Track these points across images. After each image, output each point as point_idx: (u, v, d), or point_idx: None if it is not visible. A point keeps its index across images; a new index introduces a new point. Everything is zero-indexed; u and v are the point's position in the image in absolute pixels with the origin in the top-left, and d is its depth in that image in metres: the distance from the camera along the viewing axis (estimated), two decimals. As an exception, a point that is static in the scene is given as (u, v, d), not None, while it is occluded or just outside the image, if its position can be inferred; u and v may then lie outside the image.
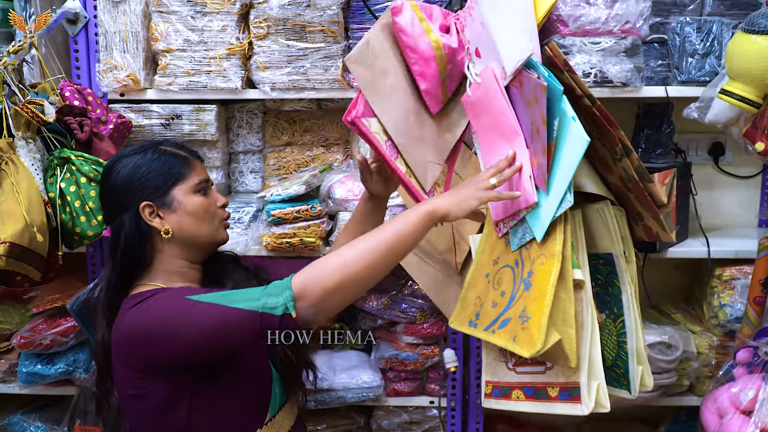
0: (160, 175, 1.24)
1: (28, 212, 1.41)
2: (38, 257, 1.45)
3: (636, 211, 1.32)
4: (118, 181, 1.24)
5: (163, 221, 1.23)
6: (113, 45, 1.78)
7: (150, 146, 1.28)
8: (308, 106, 1.98)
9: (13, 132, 1.48)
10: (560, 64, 1.17)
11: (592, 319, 1.24)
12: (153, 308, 1.13)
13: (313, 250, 1.81)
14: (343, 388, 1.87)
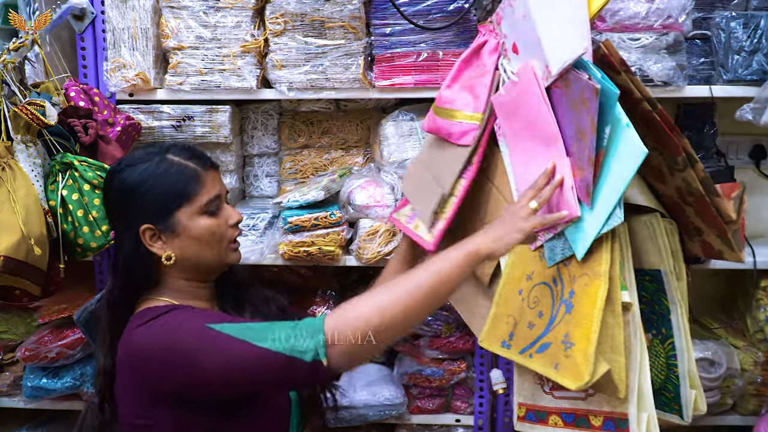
0: (164, 194, 1.13)
1: (25, 223, 1.31)
2: (36, 271, 1.35)
3: (694, 225, 1.21)
4: (121, 194, 1.14)
5: (164, 246, 1.14)
6: (122, 42, 1.68)
7: (157, 153, 1.16)
8: (326, 106, 1.88)
9: (12, 135, 1.38)
10: (616, 64, 1.06)
11: (641, 344, 1.14)
12: (169, 329, 1.04)
13: (332, 259, 1.71)
14: (364, 405, 1.77)
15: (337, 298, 1.92)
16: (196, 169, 1.16)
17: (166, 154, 1.16)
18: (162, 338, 1.03)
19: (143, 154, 1.16)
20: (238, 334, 0.98)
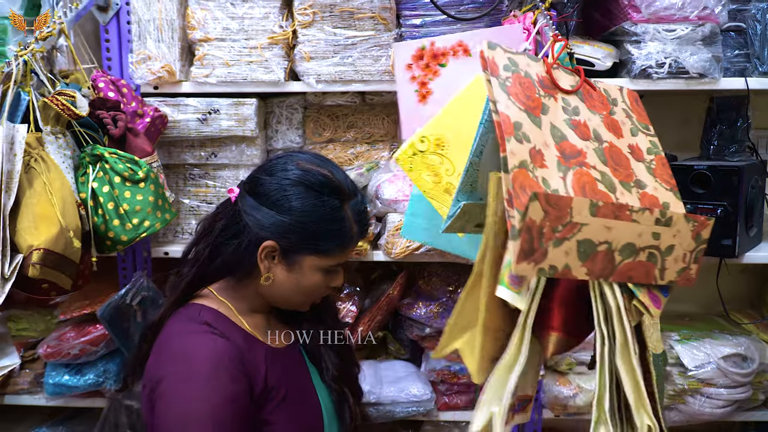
0: (311, 235, 1.09)
1: (63, 215, 1.28)
2: (72, 264, 1.32)
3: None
4: (288, 201, 1.09)
5: (271, 267, 1.11)
6: (147, 34, 1.65)
7: (344, 197, 1.12)
8: (352, 100, 1.85)
9: (41, 126, 1.35)
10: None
11: (520, 343, 1.04)
12: (170, 393, 1.02)
13: (359, 254, 1.69)
14: (391, 402, 1.75)
15: (361, 293, 1.90)
16: (353, 238, 1.14)
17: (347, 203, 1.13)
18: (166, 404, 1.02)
19: (332, 185, 1.11)
20: None
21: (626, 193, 0.99)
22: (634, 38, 1.60)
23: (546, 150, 0.97)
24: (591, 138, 1.02)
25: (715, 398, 1.73)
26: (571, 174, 0.97)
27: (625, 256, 0.95)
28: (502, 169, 0.92)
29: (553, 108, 1.03)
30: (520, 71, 1.02)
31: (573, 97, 1.06)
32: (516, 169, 0.91)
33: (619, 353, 0.94)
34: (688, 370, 1.71)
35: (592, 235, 0.92)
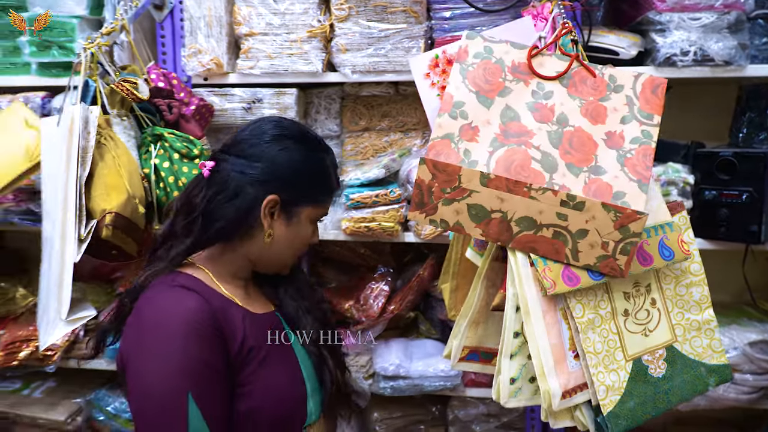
0: (310, 185, 1.15)
1: (130, 184, 1.44)
2: (138, 229, 1.47)
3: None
4: (280, 155, 1.11)
5: (272, 224, 1.12)
6: (198, 30, 1.80)
7: (325, 149, 1.19)
8: (386, 90, 1.95)
9: (108, 110, 1.52)
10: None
11: (479, 291, 1.18)
12: (155, 370, 0.98)
13: (391, 235, 1.79)
14: (419, 377, 1.84)
15: (394, 275, 2.00)
16: (334, 188, 1.21)
17: (328, 154, 1.19)
18: (150, 379, 0.98)
19: (316, 138, 1.18)
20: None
21: (568, 175, 1.06)
22: (658, 27, 1.64)
23: (485, 127, 1.09)
24: (551, 121, 1.11)
25: (740, 384, 1.74)
26: (502, 150, 1.08)
27: (523, 227, 1.06)
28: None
29: (518, 91, 1.13)
30: (491, 58, 1.13)
31: (553, 83, 1.14)
32: (438, 139, 1.09)
33: (523, 318, 1.06)
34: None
35: (484, 202, 1.06)
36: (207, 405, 0.98)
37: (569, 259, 1.06)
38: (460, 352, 1.23)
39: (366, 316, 1.91)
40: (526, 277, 1.07)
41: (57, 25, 1.83)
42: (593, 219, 1.03)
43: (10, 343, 1.99)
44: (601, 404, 1.08)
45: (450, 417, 1.96)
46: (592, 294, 1.10)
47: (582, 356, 1.09)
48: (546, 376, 1.06)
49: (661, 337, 1.16)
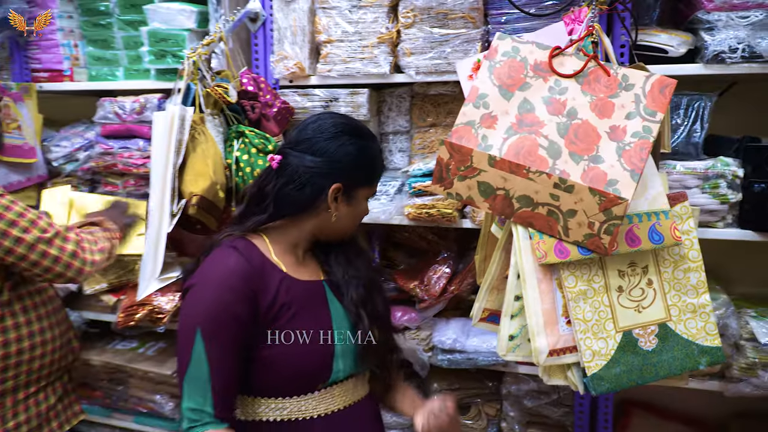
0: (364, 172, 1.34)
1: (214, 173, 1.74)
2: (218, 210, 1.78)
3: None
4: (340, 149, 1.30)
5: (337, 207, 1.32)
6: (284, 38, 2.07)
7: (372, 138, 1.37)
8: (452, 89, 2.13)
9: (203, 109, 1.82)
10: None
11: (499, 259, 1.36)
12: (190, 310, 1.22)
13: (450, 221, 1.96)
14: (474, 351, 2.00)
15: (456, 258, 2.17)
16: (381, 168, 1.41)
17: (377, 143, 1.39)
18: (185, 312, 1.23)
19: (365, 129, 1.36)
20: (193, 362, 1.18)
21: (570, 162, 1.20)
22: (707, 26, 1.70)
23: (503, 116, 1.25)
24: (561, 114, 1.25)
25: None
26: (515, 137, 1.24)
27: (522, 204, 1.23)
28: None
29: (537, 87, 1.27)
30: (517, 57, 1.29)
31: (569, 80, 1.28)
32: (461, 125, 1.26)
33: (521, 284, 1.23)
34: (761, 345, 1.77)
35: (490, 180, 1.24)
36: (213, 344, 1.18)
37: (561, 235, 1.21)
38: (480, 313, 1.41)
39: (428, 295, 2.10)
40: (524, 248, 1.23)
41: (171, 37, 2.16)
42: (581, 201, 1.17)
43: (128, 307, 2.36)
44: (586, 366, 1.22)
45: (504, 392, 2.10)
46: (586, 268, 1.24)
47: (572, 322, 1.23)
48: (535, 335, 1.23)
49: (654, 314, 1.27)
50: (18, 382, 1.62)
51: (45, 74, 2.44)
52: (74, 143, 2.38)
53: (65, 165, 2.37)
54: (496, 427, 2.14)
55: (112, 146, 2.28)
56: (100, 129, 2.31)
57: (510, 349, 1.30)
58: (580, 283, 1.25)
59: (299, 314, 1.28)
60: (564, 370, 1.31)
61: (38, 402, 1.67)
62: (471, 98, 1.29)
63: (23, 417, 1.62)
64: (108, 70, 2.37)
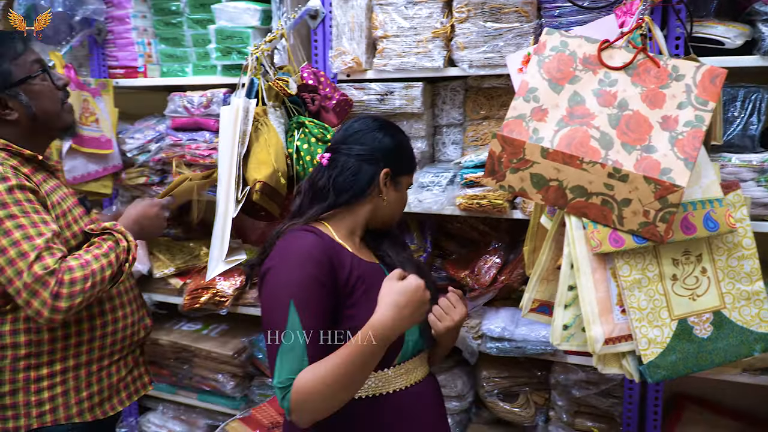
0: (408, 158, 1.49)
1: (276, 161, 1.84)
2: (280, 196, 1.88)
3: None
4: (385, 139, 1.43)
5: (387, 191, 1.44)
6: (342, 34, 2.15)
7: (404, 133, 1.50)
8: (505, 83, 2.17)
9: (265, 102, 1.92)
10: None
11: (549, 250, 1.41)
12: (278, 275, 1.28)
13: (500, 211, 2.00)
14: (522, 340, 2.04)
15: (507, 249, 2.21)
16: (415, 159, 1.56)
17: (408, 138, 1.52)
18: (273, 289, 1.28)
19: (397, 128, 1.50)
20: (289, 332, 1.22)
21: (622, 152, 1.22)
22: (764, 17, 1.69)
23: (554, 110, 1.28)
24: (612, 105, 1.27)
25: None
26: (566, 129, 1.26)
27: (576, 194, 1.25)
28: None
29: (586, 79, 1.30)
30: (566, 51, 1.32)
31: (618, 72, 1.30)
32: (512, 119, 1.30)
33: (575, 274, 1.26)
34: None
35: (543, 172, 1.27)
36: (306, 314, 1.24)
37: (616, 224, 1.24)
38: (530, 304, 1.45)
39: (478, 284, 2.15)
40: (578, 238, 1.26)
41: (236, 35, 2.28)
42: (636, 190, 1.20)
43: (194, 290, 2.50)
44: (642, 354, 1.25)
45: (552, 381, 2.13)
46: (640, 257, 1.27)
47: (627, 311, 1.26)
48: (591, 324, 1.25)
49: (709, 302, 1.28)
50: (91, 356, 1.69)
51: (121, 71, 2.61)
52: (146, 135, 2.54)
53: (138, 156, 2.53)
54: (544, 415, 2.17)
55: (181, 138, 2.42)
56: (170, 122, 2.46)
57: (564, 338, 1.34)
58: (635, 272, 1.27)
59: (372, 290, 1.31)
60: (619, 358, 1.33)
61: (110, 374, 1.75)
62: (521, 92, 1.33)
63: (96, 388, 1.71)
64: (178, 67, 2.52)
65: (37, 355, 1.61)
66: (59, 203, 1.62)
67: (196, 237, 2.89)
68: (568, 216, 1.29)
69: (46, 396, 1.62)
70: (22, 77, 1.60)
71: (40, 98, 1.64)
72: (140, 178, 2.56)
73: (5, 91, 1.60)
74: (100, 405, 1.72)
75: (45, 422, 1.62)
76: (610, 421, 2.08)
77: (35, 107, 1.63)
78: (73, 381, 1.66)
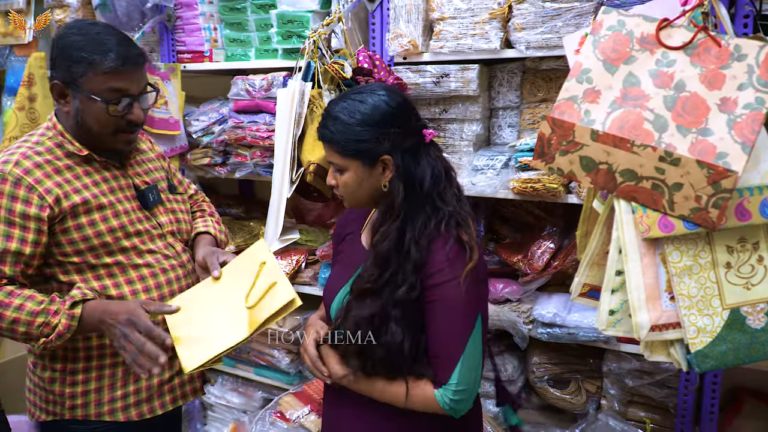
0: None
1: None
2: (332, 178, 1.92)
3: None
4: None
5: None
6: (400, 17, 2.16)
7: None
8: (564, 64, 2.12)
9: (321, 84, 1.96)
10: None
11: (600, 233, 1.36)
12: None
13: (555, 195, 1.98)
14: (575, 326, 2.01)
15: (561, 234, 2.18)
16: None
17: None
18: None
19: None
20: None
21: (676, 135, 1.18)
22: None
23: (607, 91, 1.25)
24: (668, 87, 1.23)
25: None
26: (619, 111, 1.23)
27: (626, 178, 1.23)
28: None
29: (643, 60, 1.27)
30: (622, 30, 1.29)
31: (677, 52, 1.26)
32: (563, 101, 1.28)
33: (623, 259, 1.23)
34: None
35: (593, 155, 1.24)
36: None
37: (666, 209, 1.20)
38: (580, 288, 1.43)
39: (531, 269, 2.14)
40: (627, 222, 1.24)
41: (297, 18, 2.34)
42: (688, 174, 1.16)
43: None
44: (690, 343, 1.21)
45: (604, 369, 2.10)
46: (692, 243, 1.23)
47: (676, 298, 1.23)
48: (637, 310, 1.23)
49: (764, 292, 1.23)
50: None
51: (188, 55, 2.71)
52: (211, 117, 2.64)
53: (203, 137, 2.63)
54: (596, 403, 2.14)
55: (243, 120, 2.50)
56: (232, 105, 2.54)
57: (610, 324, 1.32)
58: (686, 259, 1.24)
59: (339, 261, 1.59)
60: (667, 346, 1.30)
61: (150, 376, 1.55)
62: (574, 74, 1.31)
63: (132, 388, 1.62)
64: (242, 51, 2.60)
65: (74, 349, 1.57)
66: (95, 197, 1.54)
67: (257, 217, 2.98)
68: (617, 200, 1.27)
69: (79, 390, 1.58)
70: (83, 89, 1.47)
71: (89, 116, 1.51)
72: (204, 158, 2.67)
73: (67, 84, 1.50)
74: (136, 406, 1.62)
75: (75, 415, 1.59)
76: (665, 412, 2.03)
77: (82, 119, 1.51)
78: (108, 378, 1.59)
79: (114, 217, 1.56)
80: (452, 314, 1.32)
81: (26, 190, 1.46)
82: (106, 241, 1.54)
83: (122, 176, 1.63)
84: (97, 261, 1.54)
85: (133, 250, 1.58)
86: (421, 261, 1.32)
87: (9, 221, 1.45)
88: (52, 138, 1.56)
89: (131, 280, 1.58)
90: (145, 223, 1.63)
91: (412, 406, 1.35)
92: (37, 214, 1.46)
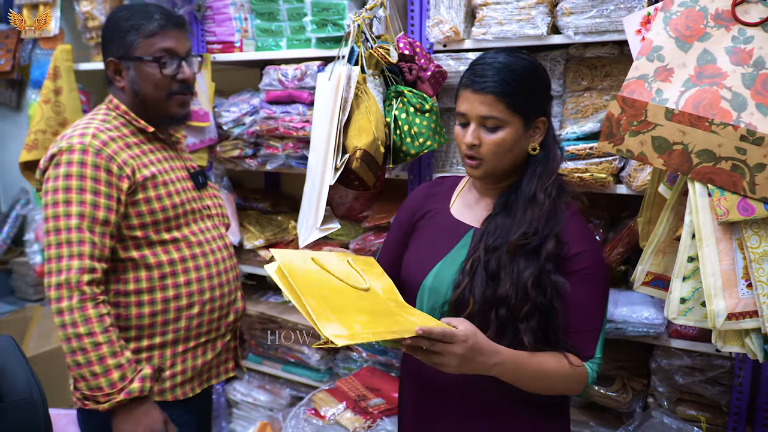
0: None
1: (376, 129, 1.83)
2: (377, 165, 1.86)
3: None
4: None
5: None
6: (441, 3, 2.11)
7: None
8: (610, 51, 2.06)
9: (365, 70, 1.91)
10: None
11: (667, 219, 1.35)
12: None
13: (603, 186, 1.92)
14: (623, 321, 1.94)
15: (606, 225, 2.12)
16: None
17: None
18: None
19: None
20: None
21: (756, 114, 1.12)
22: None
23: (680, 69, 1.20)
24: (747, 64, 1.17)
25: None
26: (694, 90, 1.17)
27: (703, 159, 1.16)
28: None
29: (718, 37, 1.21)
30: (695, 6, 1.24)
31: (755, 29, 1.20)
32: (633, 80, 1.23)
33: (698, 244, 1.17)
34: None
35: (667, 135, 1.18)
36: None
37: (746, 191, 1.14)
38: (643, 277, 1.37)
39: (575, 262, 2.07)
40: (702, 206, 1.18)
41: (332, 6, 2.28)
42: None
43: (284, 261, 2.54)
44: None
45: (653, 366, 2.03)
46: None
47: (754, 285, 1.16)
48: (712, 297, 1.17)
49: None
50: (177, 336, 1.67)
51: (218, 46, 2.67)
52: (241, 109, 2.59)
53: (233, 129, 2.58)
54: (642, 402, 2.07)
55: (275, 111, 2.45)
56: (264, 95, 2.49)
57: (681, 312, 1.26)
58: (765, 244, 1.18)
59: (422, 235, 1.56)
60: (741, 336, 1.25)
61: (195, 356, 1.72)
62: (644, 51, 1.26)
63: (179, 368, 1.68)
64: (272, 41, 2.55)
65: (125, 330, 1.62)
66: (160, 173, 1.64)
67: (285, 211, 2.93)
68: (691, 182, 1.21)
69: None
70: (137, 55, 1.62)
71: (145, 81, 1.65)
72: (234, 150, 2.62)
73: (120, 58, 1.65)
74: (182, 386, 1.69)
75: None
76: (717, 410, 1.96)
77: (138, 87, 1.65)
78: (158, 359, 1.65)
79: (176, 194, 1.65)
80: (595, 284, 1.30)
81: (107, 160, 1.54)
82: (168, 215, 1.62)
83: (177, 158, 1.75)
84: (157, 237, 1.62)
85: (187, 228, 1.67)
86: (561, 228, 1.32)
87: (95, 190, 1.51)
88: (116, 117, 1.67)
89: (184, 257, 1.66)
90: (198, 202, 1.73)
91: (561, 384, 1.30)
92: (118, 183, 1.54)
